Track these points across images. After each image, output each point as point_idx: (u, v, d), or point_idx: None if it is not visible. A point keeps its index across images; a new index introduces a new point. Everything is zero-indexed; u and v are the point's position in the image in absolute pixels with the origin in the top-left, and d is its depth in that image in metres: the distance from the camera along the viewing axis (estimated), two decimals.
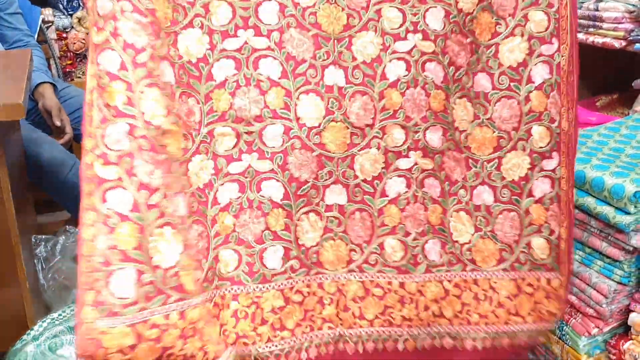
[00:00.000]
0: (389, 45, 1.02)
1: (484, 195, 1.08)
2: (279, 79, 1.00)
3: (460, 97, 1.07)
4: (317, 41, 1.00)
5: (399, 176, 1.06)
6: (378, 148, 1.04)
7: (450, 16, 1.02)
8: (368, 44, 1.02)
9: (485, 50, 1.06)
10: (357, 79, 1.02)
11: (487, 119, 1.08)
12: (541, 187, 1.08)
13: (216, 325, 0.95)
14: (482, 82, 1.07)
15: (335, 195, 1.05)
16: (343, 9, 1.00)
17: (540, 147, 1.08)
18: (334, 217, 1.04)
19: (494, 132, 1.08)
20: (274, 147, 1.01)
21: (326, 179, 1.03)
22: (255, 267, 1.01)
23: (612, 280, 1.26)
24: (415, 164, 1.06)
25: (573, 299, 1.33)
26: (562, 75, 1.07)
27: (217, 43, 0.97)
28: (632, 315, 1.25)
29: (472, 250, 1.08)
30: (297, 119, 1.01)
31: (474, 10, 1.03)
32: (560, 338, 1.37)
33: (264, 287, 1.01)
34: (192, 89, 0.96)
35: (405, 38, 1.02)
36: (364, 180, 1.05)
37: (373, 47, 1.02)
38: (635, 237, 1.19)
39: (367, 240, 1.06)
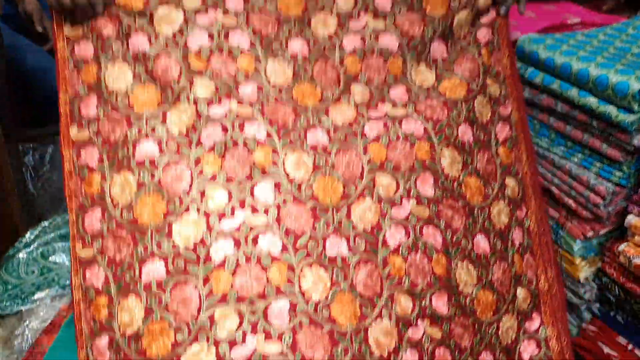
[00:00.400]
0: (387, 212, 1.04)
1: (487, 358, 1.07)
2: (280, 253, 0.98)
3: (461, 261, 1.08)
4: (316, 213, 1.01)
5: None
6: (390, 318, 0.99)
7: (439, 181, 1.07)
8: (366, 211, 1.03)
9: (480, 213, 1.10)
10: (360, 247, 1.02)
11: (489, 282, 1.09)
12: (527, 349, 1.10)
13: None
14: (482, 243, 1.10)
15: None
16: (338, 180, 1.04)
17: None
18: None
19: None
20: (280, 325, 0.96)
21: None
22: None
23: (611, 181, 1.23)
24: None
25: (570, 202, 1.31)
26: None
27: (214, 224, 0.98)
28: (629, 217, 1.23)
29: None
30: (302, 293, 0.97)
31: (459, 175, 1.09)
32: (555, 242, 1.36)
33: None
34: (188, 274, 0.97)
35: (400, 204, 1.05)
36: (381, 357, 0.97)
37: (371, 215, 1.04)
38: (637, 137, 1.16)
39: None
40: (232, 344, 0.94)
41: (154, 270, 0.96)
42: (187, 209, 0.99)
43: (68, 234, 1.56)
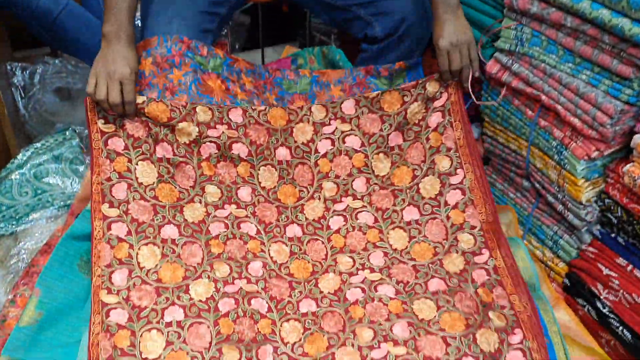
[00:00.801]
0: (346, 280, 1.32)
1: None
2: (266, 312, 1.24)
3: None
4: (292, 285, 1.30)
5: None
6: (352, 346, 1.18)
7: (388, 255, 1.36)
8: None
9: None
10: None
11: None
12: (514, 358, 1.16)
13: None
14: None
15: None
16: (308, 262, 1.36)
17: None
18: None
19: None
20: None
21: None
22: None
23: (619, 100, 1.18)
24: (388, 352, 1.15)
25: (575, 121, 1.27)
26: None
27: (220, 287, 1.25)
28: (636, 137, 1.19)
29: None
30: (282, 339, 1.21)
31: (407, 246, 1.37)
32: (558, 163, 1.33)
33: None
34: (195, 237, 1.31)
35: (357, 274, 1.33)
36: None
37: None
38: None
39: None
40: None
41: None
42: (200, 276, 1.25)
43: (61, 155, 1.56)
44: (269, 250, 1.34)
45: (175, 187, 1.34)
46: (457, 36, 1.38)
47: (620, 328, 1.25)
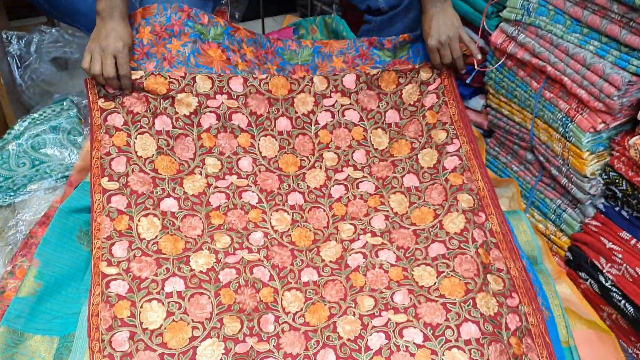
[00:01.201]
0: (347, 247, 1.31)
1: (471, 330, 1.14)
2: (269, 280, 1.24)
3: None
4: (294, 253, 1.30)
5: (377, 332, 1.15)
6: (354, 315, 1.17)
7: (389, 218, 1.36)
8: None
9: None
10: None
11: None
12: (512, 320, 1.17)
13: None
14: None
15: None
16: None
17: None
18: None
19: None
20: (268, 332, 1.15)
21: (315, 347, 1.14)
22: None
23: (627, 71, 1.16)
24: (389, 320, 1.15)
25: (582, 93, 1.24)
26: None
27: (221, 259, 1.25)
28: None
29: None
30: (284, 308, 1.20)
31: (407, 211, 1.38)
32: (563, 135, 1.31)
33: None
34: (195, 210, 1.32)
35: (358, 239, 1.32)
36: (348, 340, 1.14)
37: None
38: None
39: None
40: (236, 341, 1.13)
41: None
42: (201, 248, 1.25)
43: (59, 126, 1.54)
44: (270, 219, 1.34)
45: (175, 159, 1.34)
46: (446, 33, 1.43)
47: (623, 301, 1.25)
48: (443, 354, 1.10)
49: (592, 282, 1.32)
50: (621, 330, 1.30)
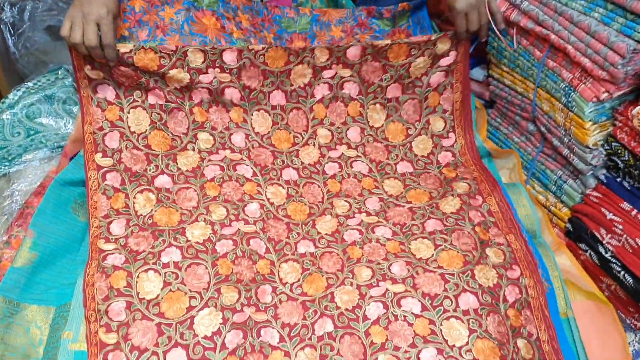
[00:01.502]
0: (343, 222, 1.31)
1: (470, 301, 1.13)
2: (264, 253, 1.24)
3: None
4: (290, 227, 1.29)
5: (375, 302, 1.14)
6: (351, 285, 1.17)
7: (384, 200, 1.36)
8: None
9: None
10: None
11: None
12: (512, 293, 1.16)
13: None
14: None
15: (323, 329, 1.13)
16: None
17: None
18: (326, 344, 1.10)
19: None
20: (266, 302, 1.15)
21: (313, 316, 1.13)
22: None
23: (633, 39, 1.13)
24: (387, 290, 1.15)
25: (585, 61, 1.22)
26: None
27: (217, 230, 1.24)
28: None
29: (472, 351, 1.08)
30: (280, 279, 1.20)
31: (402, 192, 1.38)
32: (565, 105, 1.29)
33: None
34: (190, 183, 1.31)
35: (353, 216, 1.32)
36: (346, 309, 1.13)
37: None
38: None
39: (363, 359, 1.07)
40: (234, 310, 1.11)
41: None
42: (196, 219, 1.24)
43: (54, 95, 1.52)
44: (265, 192, 1.33)
45: (168, 134, 1.33)
46: None
47: (622, 272, 1.24)
48: (441, 324, 1.09)
49: (592, 253, 1.32)
50: (620, 302, 1.30)
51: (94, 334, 1.06)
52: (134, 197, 1.25)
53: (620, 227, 1.24)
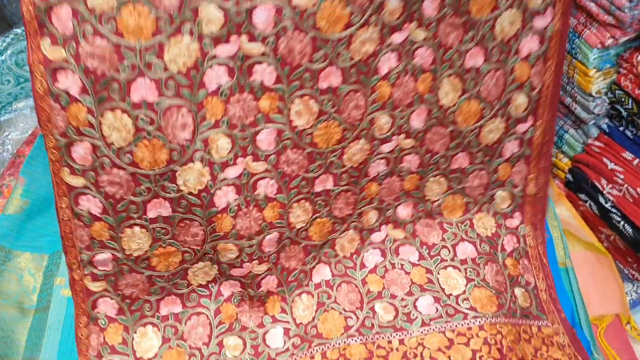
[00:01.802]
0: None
1: (467, 250, 1.12)
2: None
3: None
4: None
5: (374, 249, 1.14)
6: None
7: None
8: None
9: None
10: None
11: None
12: (510, 242, 1.15)
13: None
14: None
15: (320, 276, 1.14)
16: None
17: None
18: (323, 292, 1.10)
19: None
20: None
21: (312, 262, 1.10)
22: (261, 349, 1.08)
23: None
24: (387, 236, 1.16)
25: (591, 5, 1.18)
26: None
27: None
28: None
29: (469, 299, 1.07)
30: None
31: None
32: (569, 52, 1.26)
33: None
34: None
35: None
36: (344, 257, 1.13)
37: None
38: None
39: (359, 307, 1.08)
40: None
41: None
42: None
43: None
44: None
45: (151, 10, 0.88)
46: None
47: (622, 223, 1.23)
48: (438, 273, 1.08)
49: (592, 203, 1.30)
50: (618, 252, 1.29)
51: (79, 282, 1.03)
52: (101, 116, 0.89)
53: (622, 176, 1.22)
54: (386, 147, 1.10)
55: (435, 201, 1.12)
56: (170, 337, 1.08)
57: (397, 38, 1.01)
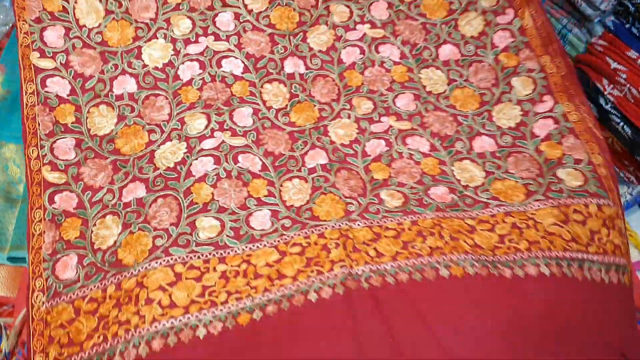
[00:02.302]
0: (341, 36, 1.11)
1: (485, 144, 1.02)
2: (242, 74, 1.05)
3: (425, 67, 1.11)
4: (273, 39, 1.08)
5: (377, 138, 1.04)
6: (349, 117, 1.04)
7: (394, 6, 1.12)
8: (322, 35, 1.11)
9: (444, 26, 1.13)
10: (316, 65, 1.10)
11: (465, 81, 1.12)
12: (544, 127, 1.05)
13: (187, 287, 0.87)
14: (447, 52, 1.13)
15: (314, 160, 1.02)
16: (294, 9, 1.09)
17: (526, 95, 1.09)
18: (319, 176, 0.99)
19: (475, 90, 1.11)
20: (245, 126, 1.03)
21: (302, 148, 1.01)
22: (242, 231, 0.94)
23: None
24: (390, 127, 1.04)
25: None
26: (529, 33, 1.14)
27: (180, 49, 1.05)
28: None
29: (489, 191, 0.96)
30: (264, 102, 1.05)
31: None
32: None
33: (253, 246, 0.92)
34: (159, 89, 1.04)
35: (354, 29, 1.11)
36: (342, 145, 1.02)
37: (326, 38, 1.11)
38: None
39: (362, 193, 0.97)
40: (202, 138, 1.00)
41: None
42: (155, 36, 1.05)
43: None
44: None
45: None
46: None
47: (621, 124, 1.20)
48: (452, 165, 1.02)
49: (592, 105, 1.27)
50: (615, 155, 1.27)
51: (36, 172, 0.96)
52: (75, 1, 1.01)
53: (624, 75, 1.19)
54: (352, 36, 1.13)
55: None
56: (132, 222, 0.97)
57: (351, 35, 1.13)
